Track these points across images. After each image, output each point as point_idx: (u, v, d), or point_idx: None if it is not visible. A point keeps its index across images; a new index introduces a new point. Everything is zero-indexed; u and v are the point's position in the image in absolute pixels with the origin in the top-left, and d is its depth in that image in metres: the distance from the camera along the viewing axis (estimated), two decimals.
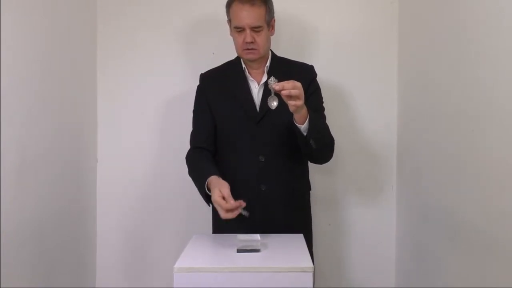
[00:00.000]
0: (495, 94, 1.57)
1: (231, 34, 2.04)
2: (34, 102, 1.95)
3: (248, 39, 1.93)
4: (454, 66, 1.86)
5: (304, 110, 1.78)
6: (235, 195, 1.90)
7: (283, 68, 2.04)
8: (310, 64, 2.12)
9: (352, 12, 2.53)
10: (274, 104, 1.74)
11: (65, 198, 2.22)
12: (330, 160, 2.03)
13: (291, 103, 1.70)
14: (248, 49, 1.95)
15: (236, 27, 1.95)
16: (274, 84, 1.68)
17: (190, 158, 2.05)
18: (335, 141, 2.01)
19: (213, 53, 2.45)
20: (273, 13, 2.02)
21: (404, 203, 2.46)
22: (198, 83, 2.13)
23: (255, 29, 1.93)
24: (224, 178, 1.88)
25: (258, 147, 1.99)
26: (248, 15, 1.92)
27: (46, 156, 2.04)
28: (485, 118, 1.63)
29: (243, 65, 2.05)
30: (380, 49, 2.53)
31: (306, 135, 1.81)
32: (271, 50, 2.09)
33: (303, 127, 1.81)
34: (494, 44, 1.57)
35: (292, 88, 1.67)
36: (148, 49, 2.53)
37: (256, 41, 1.94)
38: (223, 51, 2.21)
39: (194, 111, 2.10)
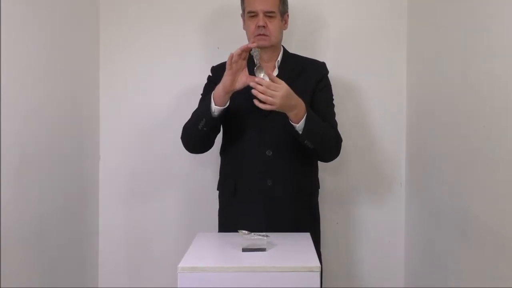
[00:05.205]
0: (506, 89, 1.54)
1: (244, 27, 2.05)
2: (35, 98, 1.94)
3: (261, 23, 1.95)
4: (465, 60, 1.85)
5: (298, 111, 1.80)
6: (241, 188, 1.98)
7: (294, 63, 2.06)
8: (321, 61, 2.12)
9: (361, 7, 2.50)
10: (261, 75, 1.81)
11: (67, 195, 2.21)
12: (339, 157, 2.03)
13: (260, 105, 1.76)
14: (260, 34, 1.96)
15: (249, 12, 1.98)
16: (257, 76, 1.78)
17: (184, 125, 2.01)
18: (343, 138, 2.01)
19: (218, 48, 2.43)
20: (287, 7, 2.06)
21: (413, 201, 2.44)
22: (202, 78, 2.13)
23: (268, 14, 1.96)
24: (231, 171, 2.00)
25: (266, 141, 1.98)
26: (263, 0, 1.96)
27: (48, 153, 2.02)
28: (496, 114, 1.61)
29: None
30: (389, 44, 2.50)
31: (300, 135, 1.83)
32: (283, 46, 2.09)
33: (298, 126, 1.83)
34: (506, 38, 1.54)
35: (261, 91, 1.73)
36: (151, 44, 2.51)
37: (268, 27, 1.96)
38: (228, 46, 2.18)
39: (201, 96, 2.07)
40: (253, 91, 1.74)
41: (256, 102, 1.76)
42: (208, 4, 2.49)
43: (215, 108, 1.85)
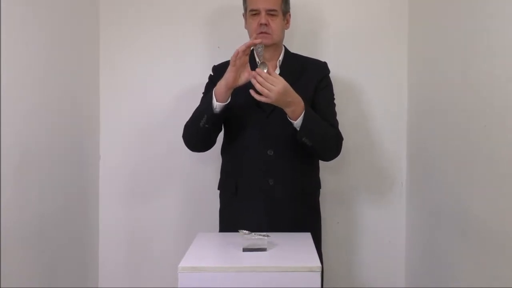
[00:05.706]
0: (506, 89, 1.53)
1: (246, 26, 2.05)
2: (35, 98, 1.93)
3: (263, 21, 1.96)
4: (465, 60, 1.84)
5: (295, 109, 1.81)
6: (242, 187, 1.99)
7: (296, 63, 2.07)
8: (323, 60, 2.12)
9: (361, 7, 2.50)
10: (264, 71, 1.81)
11: (67, 195, 2.20)
12: (340, 157, 2.03)
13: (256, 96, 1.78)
14: (262, 32, 1.96)
15: (252, 10, 1.99)
16: (260, 68, 1.79)
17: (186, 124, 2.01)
18: (344, 138, 2.01)
19: (218, 47, 2.43)
20: (289, 6, 2.06)
21: (414, 200, 2.43)
22: (202, 78, 2.12)
23: (270, 12, 1.97)
24: (231, 170, 2.01)
25: (267, 141, 1.98)
26: None
27: (48, 152, 2.02)
28: (496, 114, 1.60)
29: (256, 58, 2.03)
30: (390, 44, 2.50)
31: (298, 133, 1.84)
32: (284, 46, 2.09)
33: (296, 123, 1.84)
34: (506, 38, 1.54)
35: (259, 82, 1.75)
36: (151, 44, 2.50)
37: (270, 26, 1.97)
38: (228, 46, 2.18)
39: (203, 95, 2.06)
40: (252, 80, 1.76)
41: (252, 92, 1.77)
42: (208, 4, 2.49)
43: (217, 104, 1.85)
